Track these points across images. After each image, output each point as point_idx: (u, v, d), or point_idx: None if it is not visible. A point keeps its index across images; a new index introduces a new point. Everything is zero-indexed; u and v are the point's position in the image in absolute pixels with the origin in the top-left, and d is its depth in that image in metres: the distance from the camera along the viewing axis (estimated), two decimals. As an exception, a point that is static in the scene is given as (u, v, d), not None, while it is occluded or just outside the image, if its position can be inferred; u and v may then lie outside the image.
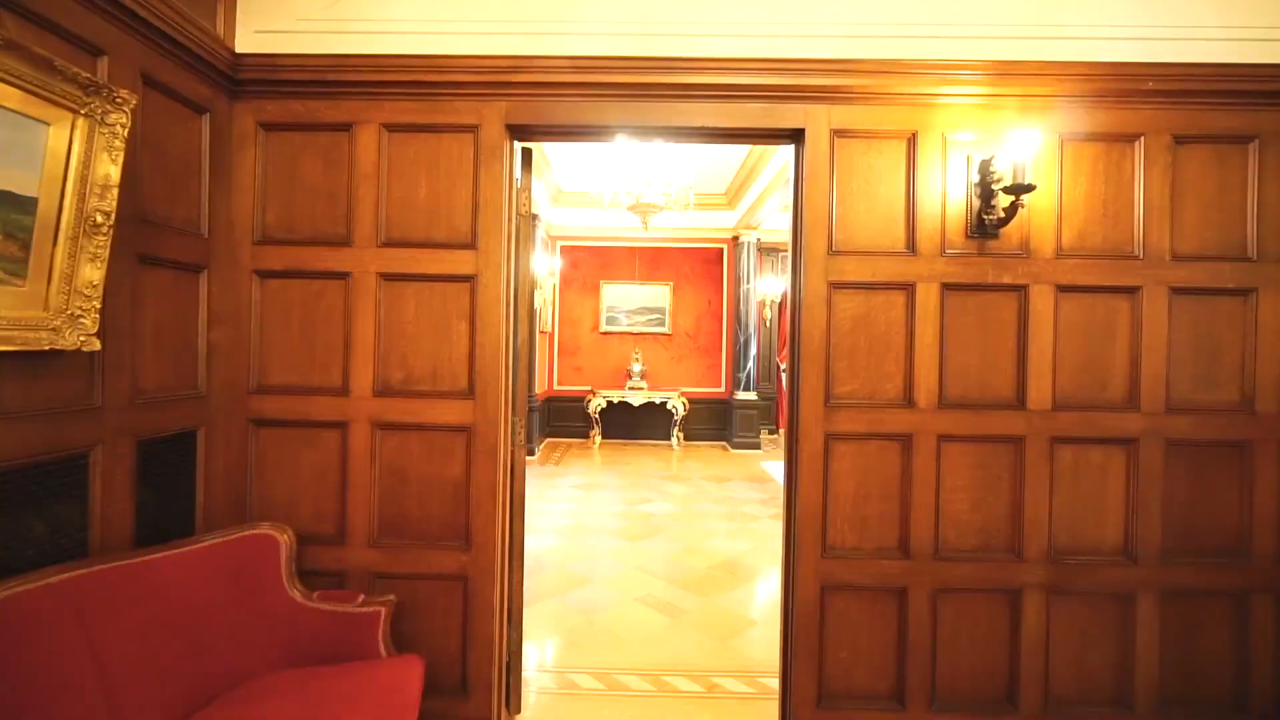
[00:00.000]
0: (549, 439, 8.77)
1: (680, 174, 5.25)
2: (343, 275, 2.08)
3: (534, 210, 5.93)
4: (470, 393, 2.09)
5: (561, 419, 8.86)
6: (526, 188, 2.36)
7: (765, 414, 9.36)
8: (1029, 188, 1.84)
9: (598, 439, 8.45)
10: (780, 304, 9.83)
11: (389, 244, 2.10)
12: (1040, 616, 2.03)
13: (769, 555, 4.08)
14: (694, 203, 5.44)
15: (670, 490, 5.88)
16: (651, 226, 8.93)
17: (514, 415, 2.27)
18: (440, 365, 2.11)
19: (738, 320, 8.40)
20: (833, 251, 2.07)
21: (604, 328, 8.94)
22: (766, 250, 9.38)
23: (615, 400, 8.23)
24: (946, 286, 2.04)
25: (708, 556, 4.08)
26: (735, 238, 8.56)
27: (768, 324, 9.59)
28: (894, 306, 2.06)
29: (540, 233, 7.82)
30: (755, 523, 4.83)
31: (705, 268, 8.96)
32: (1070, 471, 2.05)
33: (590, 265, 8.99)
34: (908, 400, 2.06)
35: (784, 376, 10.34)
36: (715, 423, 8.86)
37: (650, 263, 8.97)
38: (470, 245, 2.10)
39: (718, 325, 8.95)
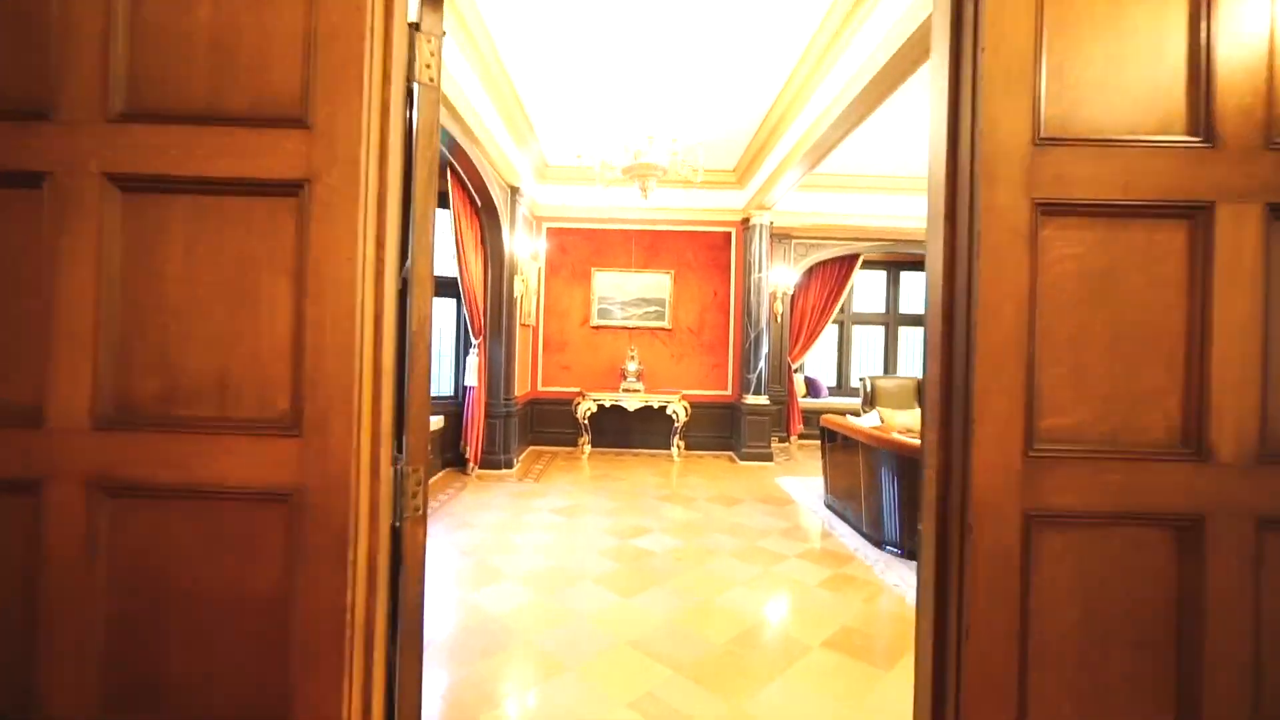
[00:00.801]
0: (532, 447, 7.70)
1: (687, 130, 4.20)
2: (34, 179, 1.02)
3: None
4: (294, 423, 1.03)
5: (546, 425, 7.78)
6: (434, 35, 1.26)
7: (777, 420, 8.32)
8: None
9: (587, 448, 7.38)
10: (793, 297, 8.79)
11: (131, 116, 1.03)
12: None
13: (809, 620, 3.04)
14: (703, 169, 4.40)
15: (671, 515, 4.82)
16: (651, 203, 7.84)
17: (399, 460, 1.20)
18: (236, 365, 1.04)
19: (747, 314, 7.35)
20: (1040, 140, 1.01)
21: (595, 321, 7.87)
22: (778, 236, 8.33)
23: (607, 404, 7.17)
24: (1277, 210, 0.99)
25: (726, 621, 3.03)
26: (745, 220, 7.51)
27: (779, 319, 8.55)
28: (1165, 253, 1.01)
29: (523, 210, 6.74)
30: (780, 565, 3.78)
31: (711, 254, 7.90)
32: None
33: (581, 250, 7.92)
34: (1193, 444, 1.01)
35: (796, 378, 9.31)
36: (720, 430, 7.81)
37: (648, 248, 7.90)
38: (297, 119, 1.04)
39: (724, 319, 7.89)
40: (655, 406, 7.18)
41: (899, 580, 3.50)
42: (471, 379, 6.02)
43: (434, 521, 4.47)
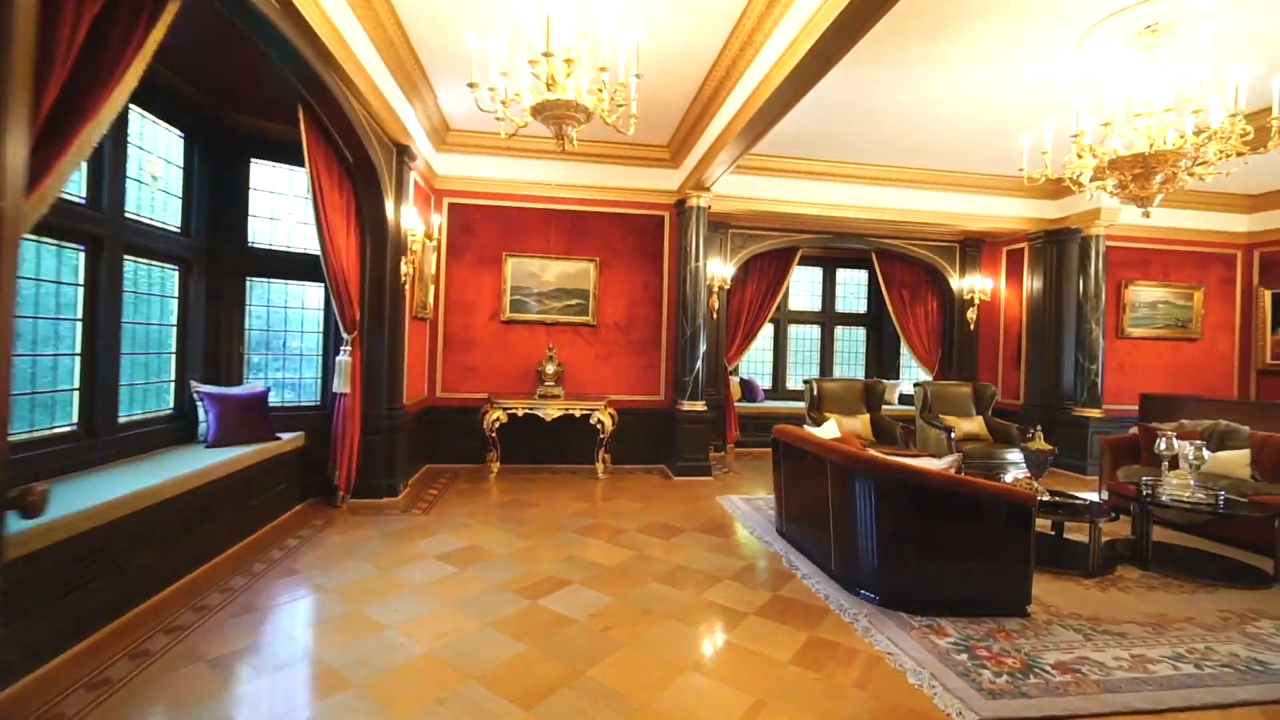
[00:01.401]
0: (429, 466, 6.43)
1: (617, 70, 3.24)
2: None
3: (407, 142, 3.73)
4: None
5: (447, 439, 6.54)
6: None
7: (716, 428, 7.51)
8: None
9: (496, 465, 6.22)
10: (729, 292, 8.05)
11: None
12: None
13: (788, 727, 2.14)
14: (634, 121, 3.45)
15: (595, 556, 3.82)
16: (574, 179, 6.72)
17: None
18: None
19: (682, 308, 6.49)
20: None
21: (508, 315, 6.73)
22: (716, 224, 7.55)
23: (520, 413, 6.05)
24: None
25: (674, 739, 2.07)
26: (680, 202, 6.64)
27: (716, 315, 7.76)
28: None
29: (415, 177, 5.50)
30: (739, 628, 2.88)
31: (641, 240, 6.98)
32: None
33: (491, 231, 6.75)
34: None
35: (731, 380, 8.58)
36: (652, 440, 6.89)
37: (570, 231, 6.87)
38: None
39: (656, 314, 6.99)
40: (577, 415, 6.14)
41: (891, 645, 2.68)
42: (342, 385, 4.73)
43: (266, 580, 3.22)
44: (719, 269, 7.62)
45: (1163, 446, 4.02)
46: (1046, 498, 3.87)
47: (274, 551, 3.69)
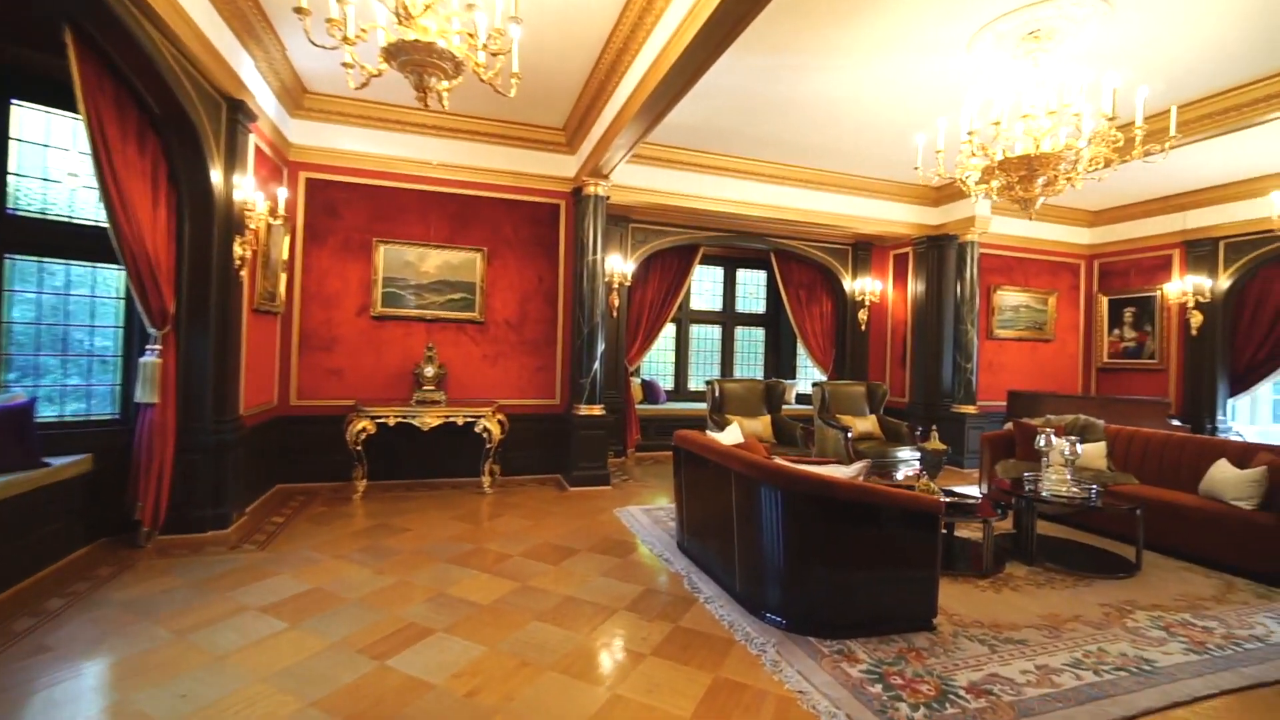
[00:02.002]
0: (279, 487, 5.46)
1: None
2: None
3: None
4: None
5: (304, 453, 5.60)
6: None
7: (614, 432, 7.12)
8: None
9: (363, 483, 5.39)
10: (630, 290, 7.69)
11: None
12: None
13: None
14: (516, 83, 2.93)
15: (469, 593, 3.25)
16: (459, 158, 5.92)
17: None
18: None
19: (579, 305, 6.02)
20: None
21: (380, 309, 5.90)
22: (616, 217, 7.15)
23: (392, 422, 5.28)
24: None
25: None
26: (577, 190, 6.17)
27: (616, 314, 7.37)
28: None
29: (252, 140, 4.58)
30: (637, 671, 2.46)
31: (535, 230, 6.42)
32: None
33: (359, 213, 5.89)
34: None
35: (633, 382, 8.23)
36: (546, 448, 6.35)
37: (455, 217, 6.16)
38: None
39: (551, 311, 6.46)
40: (460, 424, 5.47)
41: (803, 681, 2.39)
42: (147, 393, 3.77)
43: (-7, 669, 2.34)
44: (619, 265, 7.23)
45: (1043, 443, 4.15)
46: (945, 499, 3.83)
47: (23, 619, 2.76)
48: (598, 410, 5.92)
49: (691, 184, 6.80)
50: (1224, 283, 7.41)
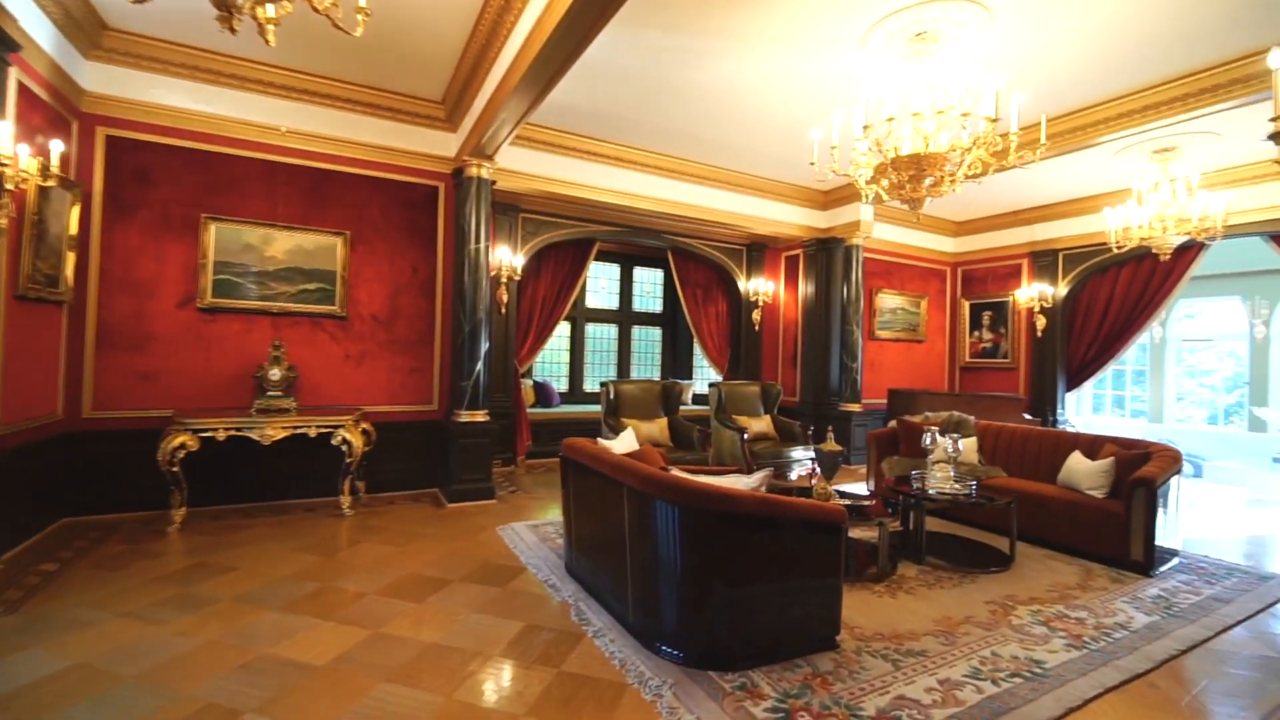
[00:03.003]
0: (64, 521, 4.34)
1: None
2: None
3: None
4: None
5: (99, 477, 4.50)
6: None
7: (502, 439, 6.55)
8: None
9: (181, 511, 4.40)
10: (521, 285, 7.14)
11: None
12: None
13: None
14: (366, 19, 2.35)
15: (301, 651, 2.61)
16: (316, 125, 5.00)
17: None
18: None
19: (461, 299, 5.40)
20: None
21: (210, 300, 4.91)
22: (504, 205, 6.60)
23: (222, 436, 4.37)
24: None
25: None
26: (458, 171, 5.54)
27: (505, 310, 6.80)
28: None
29: (14, 76, 3.53)
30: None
31: (409, 214, 5.69)
32: None
33: (183, 183, 4.86)
34: None
35: (524, 383, 7.69)
36: (423, 460, 5.66)
37: (310, 194, 5.29)
38: None
39: (428, 306, 5.77)
40: (313, 435, 4.67)
41: (703, 729, 2.07)
42: None
43: None
44: (509, 257, 6.67)
45: (929, 441, 4.22)
46: (843, 502, 3.75)
47: None
48: (481, 416, 5.34)
49: (587, 173, 6.40)
50: (1063, 289, 8.28)
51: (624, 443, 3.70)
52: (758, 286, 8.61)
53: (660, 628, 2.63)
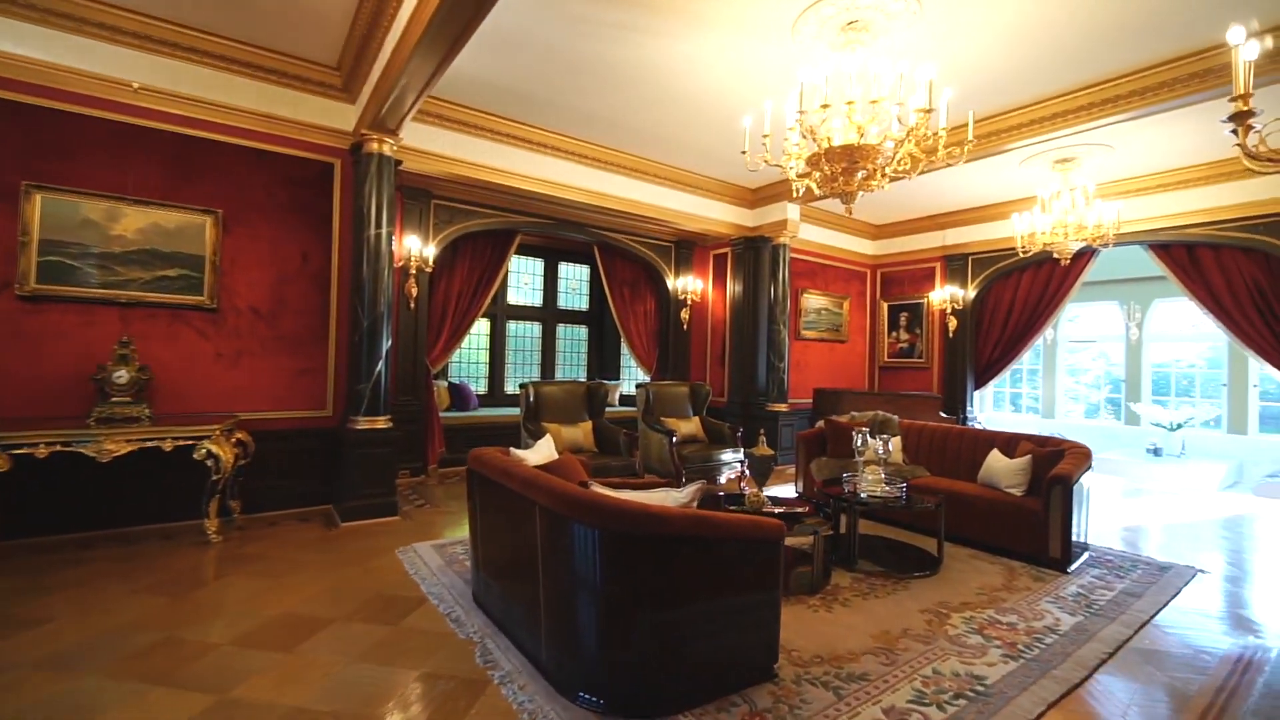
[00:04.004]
0: None
1: None
2: None
3: None
4: None
5: None
6: None
7: (409, 447, 5.95)
8: None
9: (-12, 546, 3.56)
10: (433, 277, 6.54)
11: None
12: None
13: None
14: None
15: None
16: (182, 85, 4.25)
17: None
18: None
19: (359, 291, 4.79)
20: None
21: (34, 286, 4.04)
22: (413, 189, 6.00)
23: (43, 453, 3.56)
24: None
25: None
26: (357, 147, 4.91)
27: (414, 304, 6.19)
28: None
29: None
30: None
31: (297, 193, 4.99)
32: None
33: (1, 141, 3.97)
34: None
35: (437, 385, 7.07)
36: (314, 473, 4.98)
37: (173, 163, 4.50)
38: None
39: (320, 299, 5.09)
40: (169, 449, 3.93)
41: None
42: None
43: None
44: (418, 247, 6.07)
45: (860, 443, 4.11)
46: (776, 509, 3.54)
47: None
48: (382, 422, 4.75)
49: (508, 159, 5.92)
50: (972, 292, 8.66)
51: (541, 451, 3.31)
52: (686, 285, 8.42)
53: (578, 670, 2.26)
